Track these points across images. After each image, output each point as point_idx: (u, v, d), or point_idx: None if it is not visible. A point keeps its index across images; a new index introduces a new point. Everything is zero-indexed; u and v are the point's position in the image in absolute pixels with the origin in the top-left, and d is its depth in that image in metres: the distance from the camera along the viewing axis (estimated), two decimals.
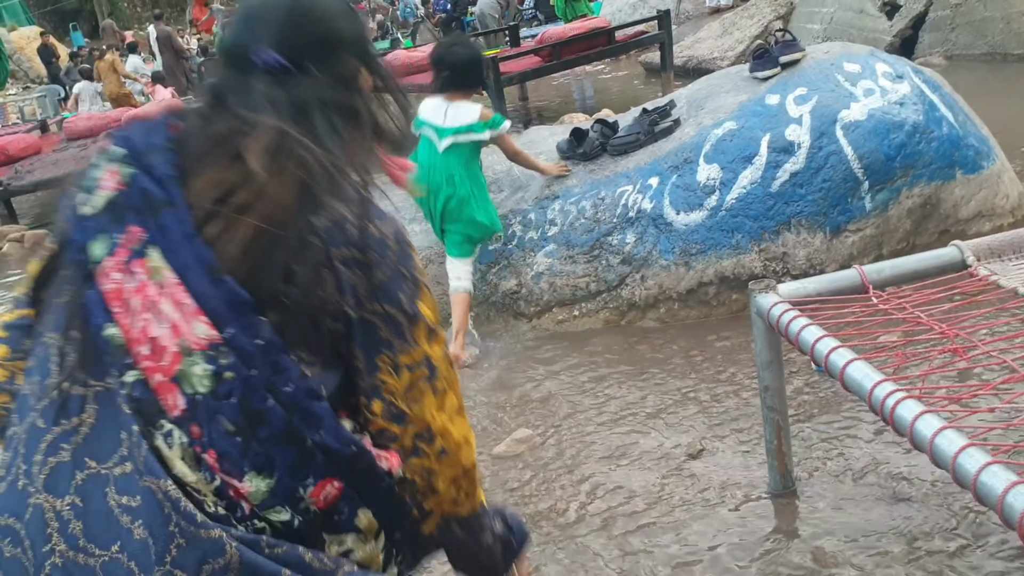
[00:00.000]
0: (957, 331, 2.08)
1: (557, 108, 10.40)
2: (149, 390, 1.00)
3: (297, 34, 1.17)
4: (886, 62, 4.12)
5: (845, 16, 9.27)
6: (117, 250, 1.03)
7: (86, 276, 1.04)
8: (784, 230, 3.82)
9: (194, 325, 1.01)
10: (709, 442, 2.97)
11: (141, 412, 1.00)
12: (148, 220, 1.04)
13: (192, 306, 1.01)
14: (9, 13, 28.46)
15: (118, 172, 1.07)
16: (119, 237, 1.03)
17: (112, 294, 1.02)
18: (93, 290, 1.03)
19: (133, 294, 1.02)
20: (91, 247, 1.04)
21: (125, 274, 1.02)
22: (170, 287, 1.01)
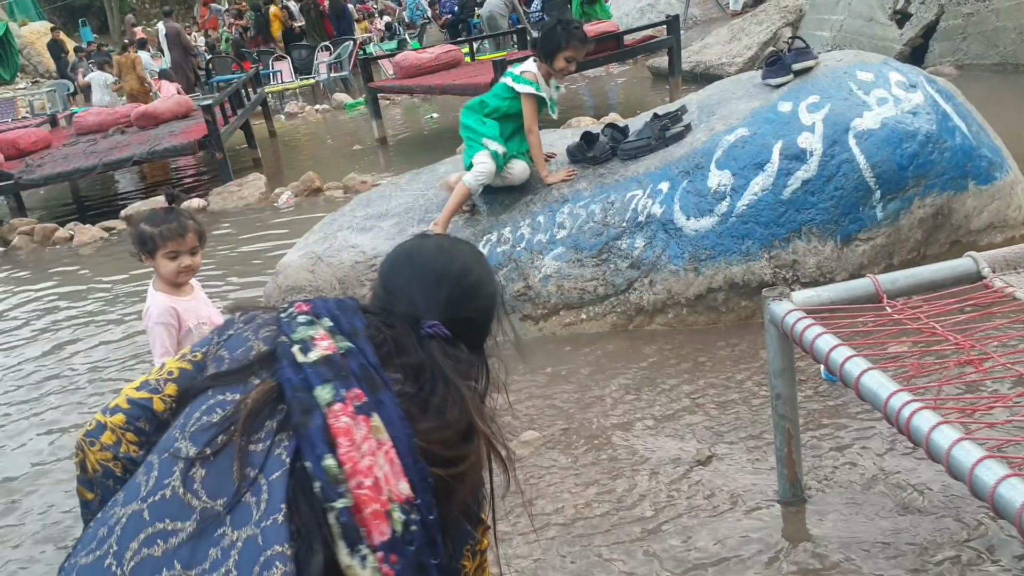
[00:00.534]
0: (972, 342, 2.07)
1: (565, 111, 10.40)
2: (353, 517, 1.18)
3: (461, 314, 1.43)
4: (900, 71, 4.11)
5: (855, 24, 9.26)
6: (345, 401, 1.22)
7: (307, 410, 1.21)
8: (795, 237, 3.81)
9: (400, 481, 1.21)
10: (718, 448, 2.96)
11: (344, 536, 1.17)
12: (367, 390, 1.24)
13: (399, 467, 1.22)
14: (20, 8, 28.57)
15: (331, 338, 1.29)
16: (344, 392, 1.23)
17: (341, 431, 1.20)
18: (320, 422, 1.20)
19: (361, 439, 1.20)
20: (318, 390, 1.22)
21: (353, 421, 1.21)
22: (386, 446, 1.21)
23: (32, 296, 6.36)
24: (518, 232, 4.34)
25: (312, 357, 1.26)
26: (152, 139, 9.32)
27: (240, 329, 1.39)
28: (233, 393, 1.28)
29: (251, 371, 1.30)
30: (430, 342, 1.36)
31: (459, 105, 11.88)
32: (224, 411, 1.26)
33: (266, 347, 1.33)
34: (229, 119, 9.67)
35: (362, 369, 1.27)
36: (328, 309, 1.36)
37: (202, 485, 1.20)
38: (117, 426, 1.40)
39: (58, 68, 22.14)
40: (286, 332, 1.31)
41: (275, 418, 1.24)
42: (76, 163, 8.76)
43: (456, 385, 1.33)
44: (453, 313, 1.42)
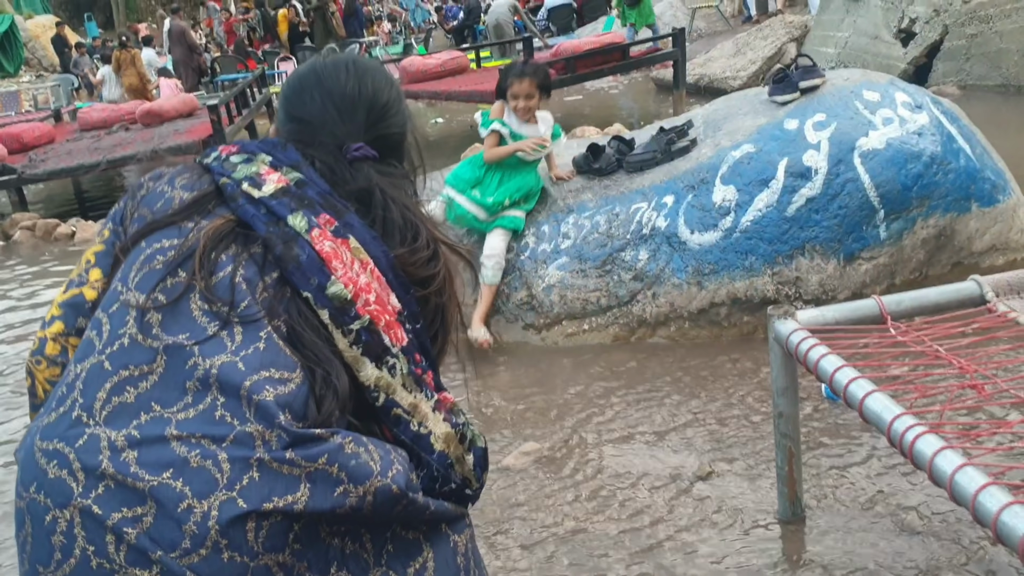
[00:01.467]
0: (975, 367, 2.08)
1: (570, 120, 10.43)
2: (372, 332, 1.19)
3: (382, 133, 1.41)
4: (906, 92, 4.13)
5: (860, 41, 9.30)
6: (320, 227, 1.21)
7: (289, 240, 1.19)
8: (798, 255, 3.83)
9: (390, 295, 1.23)
10: (718, 464, 2.97)
11: (368, 352, 1.19)
12: (333, 214, 1.23)
13: (385, 282, 1.23)
14: (27, 2, 28.57)
15: (277, 171, 1.27)
16: (314, 218, 1.21)
17: (330, 255, 1.19)
18: (309, 251, 1.18)
19: (349, 260, 1.20)
20: (291, 219, 1.20)
21: (335, 244, 1.20)
22: (368, 264, 1.22)
23: (31, 291, 6.36)
24: (523, 241, 4.35)
25: (268, 190, 1.23)
26: (156, 137, 9.34)
27: (151, 187, 1.32)
28: (169, 239, 1.22)
29: (184, 215, 1.24)
30: (361, 165, 1.34)
31: (464, 110, 11.97)
32: (165, 256, 1.20)
33: (188, 193, 1.27)
34: (234, 119, 9.68)
35: (321, 196, 1.25)
36: (258, 147, 1.32)
37: (161, 328, 1.14)
38: (58, 334, 1.33)
39: (62, 63, 22.17)
40: (224, 173, 1.27)
41: (231, 253, 1.20)
42: (80, 159, 8.76)
43: (409, 207, 1.33)
44: (373, 133, 1.40)
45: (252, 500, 1.06)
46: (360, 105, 1.40)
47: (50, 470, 1.09)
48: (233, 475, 1.06)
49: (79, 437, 1.10)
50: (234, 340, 1.13)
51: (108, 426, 1.10)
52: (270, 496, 1.06)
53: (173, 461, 1.06)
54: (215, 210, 1.24)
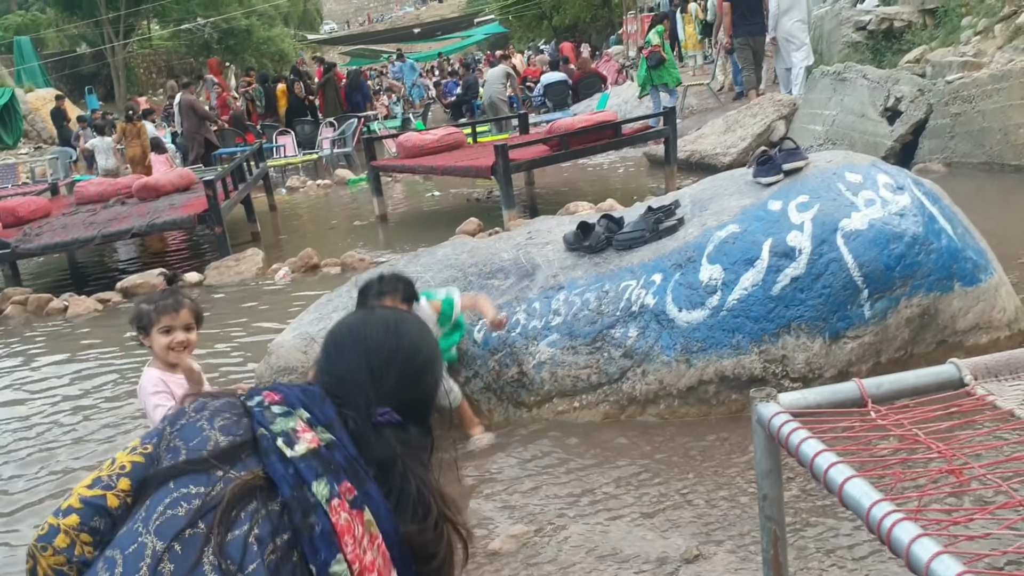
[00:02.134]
0: (954, 451, 2.10)
1: (562, 195, 10.57)
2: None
3: (412, 397, 1.45)
4: (887, 173, 4.23)
5: (847, 119, 9.48)
6: (340, 496, 1.26)
7: (308, 510, 1.24)
8: (784, 333, 3.87)
9: (391, 572, 1.27)
10: (705, 547, 2.97)
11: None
12: (355, 483, 1.28)
13: (389, 559, 1.27)
14: (28, 75, 29.07)
15: (312, 430, 1.32)
16: (337, 486, 1.26)
17: (345, 528, 1.24)
18: (325, 523, 1.23)
19: (360, 535, 1.25)
20: (315, 485, 1.25)
21: (350, 516, 1.25)
22: (377, 539, 1.27)
23: (18, 367, 6.36)
24: (514, 317, 4.39)
25: (300, 450, 1.28)
26: (152, 211, 9.41)
27: (192, 418, 1.37)
28: (197, 486, 1.27)
29: (215, 463, 1.29)
30: (384, 430, 1.37)
31: (460, 184, 12.10)
32: (189, 504, 1.25)
33: (224, 437, 1.32)
34: (230, 193, 9.78)
35: (347, 462, 1.29)
36: (300, 399, 1.37)
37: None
38: (71, 527, 1.35)
39: (60, 135, 22.46)
40: (263, 424, 1.32)
41: (251, 509, 1.25)
42: (74, 233, 8.82)
43: (426, 481, 1.36)
44: (403, 397, 1.43)
45: None
46: (393, 368, 1.44)
47: None
48: None
49: None
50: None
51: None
52: None
53: None
54: (247, 460, 1.30)
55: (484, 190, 11.64)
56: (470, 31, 38.67)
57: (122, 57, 32.89)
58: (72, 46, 35.69)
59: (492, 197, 11.04)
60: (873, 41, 11.65)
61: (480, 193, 11.67)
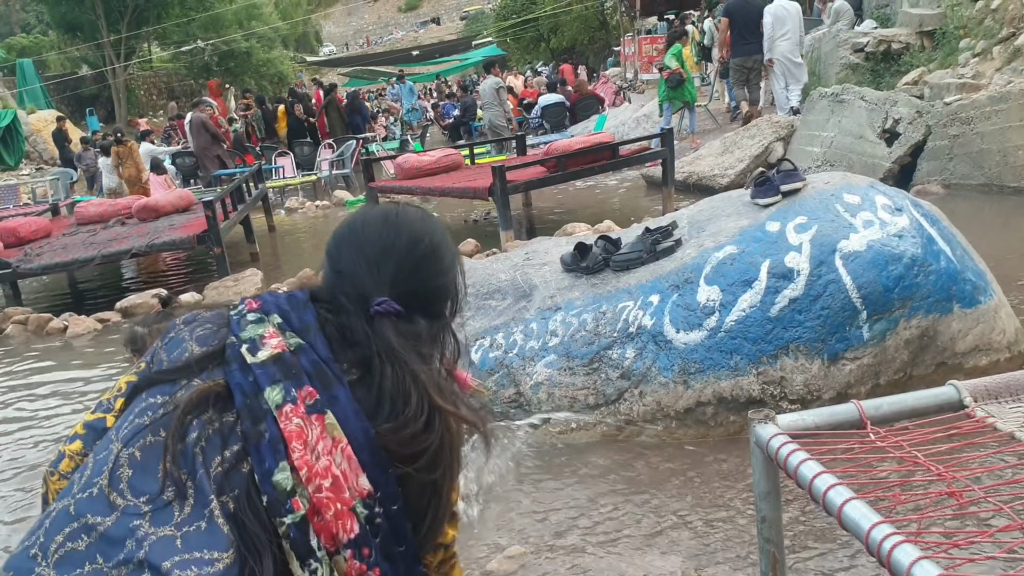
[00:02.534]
0: (954, 474, 2.09)
1: (560, 217, 10.57)
2: (301, 530, 1.18)
3: (412, 287, 1.40)
4: (886, 194, 4.23)
5: (845, 141, 9.51)
6: (296, 401, 1.22)
7: (257, 418, 1.21)
8: (782, 355, 3.86)
9: (360, 477, 1.22)
10: (704, 569, 2.94)
11: (295, 548, 1.18)
12: (319, 387, 1.24)
13: (357, 463, 1.22)
14: (30, 96, 29.22)
15: (280, 335, 1.29)
16: (295, 391, 1.23)
17: (294, 434, 1.20)
18: (272, 430, 1.20)
19: (315, 439, 1.21)
20: (268, 391, 1.23)
21: (305, 422, 1.21)
22: (341, 443, 1.22)
23: (18, 386, 6.34)
24: (511, 338, 4.38)
25: (261, 356, 1.26)
26: (151, 232, 9.42)
27: (179, 331, 1.38)
28: (163, 395, 1.27)
29: (185, 372, 1.29)
30: (381, 321, 1.33)
31: (458, 205, 12.12)
32: (154, 413, 1.25)
33: (199, 347, 1.32)
34: (229, 214, 9.80)
35: (313, 365, 1.27)
36: (278, 305, 1.35)
37: (128, 485, 1.20)
38: (75, 452, 1.41)
39: (62, 156, 22.53)
40: (235, 332, 1.31)
41: (204, 418, 1.23)
42: (74, 253, 8.82)
43: (411, 368, 1.30)
44: (404, 287, 1.39)
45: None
46: (390, 258, 1.40)
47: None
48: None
49: (29, 575, 1.17)
50: (182, 512, 1.18)
51: (55, 570, 1.16)
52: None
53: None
54: (213, 371, 1.29)
55: (482, 211, 11.66)
56: (468, 54, 38.89)
57: (123, 79, 33.04)
58: (74, 68, 35.88)
59: (489, 218, 11.06)
60: (871, 63, 11.72)
61: (478, 214, 11.69)
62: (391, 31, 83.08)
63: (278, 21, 42.59)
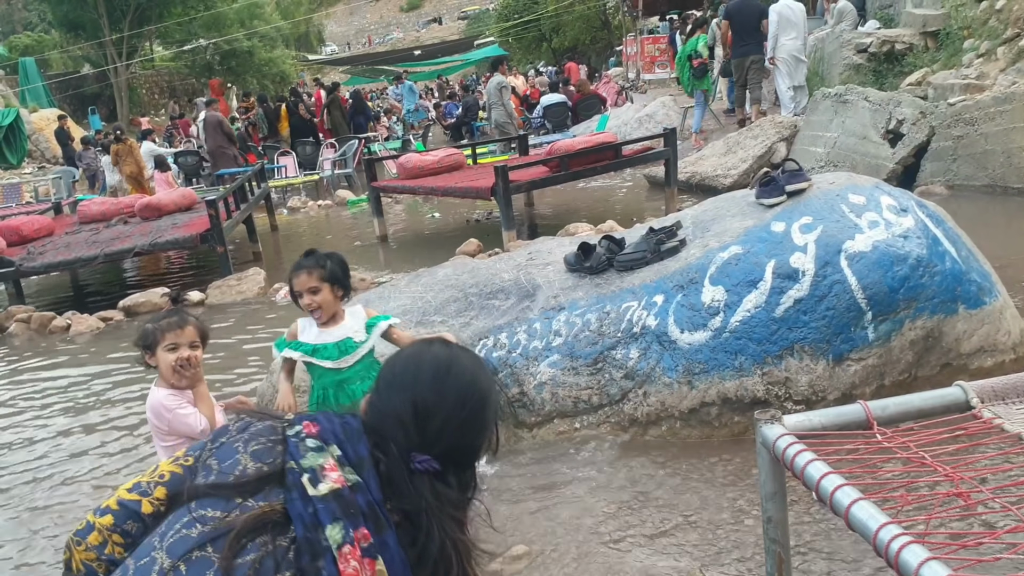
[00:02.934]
0: (961, 474, 2.08)
1: (562, 217, 10.57)
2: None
3: (454, 444, 1.41)
4: (891, 195, 4.22)
5: (848, 142, 9.50)
6: (354, 543, 1.25)
7: (317, 554, 1.23)
8: (787, 355, 3.85)
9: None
10: (709, 570, 2.94)
11: None
12: (373, 530, 1.27)
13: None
14: (32, 95, 29.23)
15: (340, 470, 1.30)
16: (352, 532, 1.25)
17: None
18: (332, 568, 1.22)
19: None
20: (329, 529, 1.24)
21: (360, 565, 1.24)
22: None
23: (21, 383, 6.35)
24: (515, 338, 4.38)
25: (323, 490, 1.27)
26: (154, 231, 9.42)
27: (232, 439, 1.39)
28: (214, 510, 1.28)
29: (240, 491, 1.30)
30: (420, 477, 1.35)
31: (460, 205, 12.11)
32: (203, 526, 1.26)
33: (254, 463, 1.33)
34: (232, 213, 9.79)
35: (368, 506, 1.28)
36: (335, 434, 1.35)
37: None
38: (105, 527, 1.41)
39: (65, 155, 22.54)
40: (294, 456, 1.31)
41: (260, 540, 1.25)
42: (78, 252, 8.83)
43: (453, 538, 1.34)
44: (446, 445, 1.40)
45: None
46: (439, 413, 1.40)
47: None
48: None
49: None
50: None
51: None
52: None
53: None
54: (270, 492, 1.30)
55: (484, 211, 11.65)
56: (469, 54, 38.90)
57: (125, 78, 33.05)
58: (76, 67, 35.90)
59: (492, 218, 11.05)
60: (874, 63, 11.70)
61: (480, 214, 11.68)
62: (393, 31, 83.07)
63: (280, 20, 42.59)
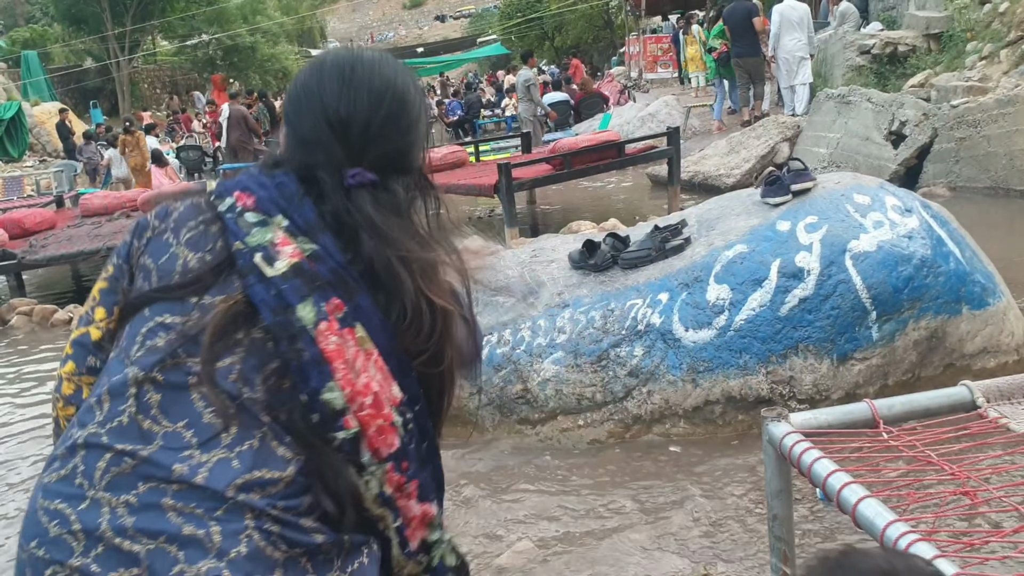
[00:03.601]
0: (968, 473, 2.09)
1: (565, 215, 10.58)
2: (356, 444, 1.17)
3: (383, 149, 1.31)
4: (895, 195, 4.23)
5: (851, 143, 9.51)
6: (328, 318, 1.18)
7: (294, 336, 1.16)
8: (792, 354, 3.86)
9: (392, 386, 1.21)
10: (714, 567, 2.95)
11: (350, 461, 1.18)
12: (344, 297, 1.20)
13: (388, 372, 1.21)
14: (34, 89, 29.23)
15: (293, 242, 1.21)
16: (324, 305, 1.18)
17: (334, 353, 1.16)
18: (313, 351, 1.16)
19: (352, 356, 1.18)
20: (299, 309, 1.17)
21: (340, 338, 1.17)
22: (373, 355, 1.20)
23: (23, 377, 6.35)
24: (518, 334, 4.38)
25: (280, 268, 1.18)
26: None
27: (157, 230, 1.28)
28: (173, 315, 1.20)
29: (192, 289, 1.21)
30: (359, 193, 1.25)
31: (463, 202, 12.11)
32: (168, 335, 1.19)
33: (194, 253, 1.23)
34: None
35: (333, 273, 1.20)
36: (277, 203, 1.23)
37: (160, 411, 1.16)
38: (71, 374, 1.35)
39: (66, 148, 22.53)
40: (237, 236, 1.21)
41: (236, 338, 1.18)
42: (80, 245, 8.83)
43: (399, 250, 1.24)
44: (375, 152, 1.29)
45: (238, 572, 1.10)
46: (354, 122, 1.29)
47: (51, 529, 1.13)
48: (224, 546, 1.10)
49: (81, 501, 1.14)
50: (229, 433, 1.15)
51: (109, 492, 1.14)
52: (253, 572, 1.10)
53: (167, 529, 1.11)
54: (225, 283, 1.21)
55: (486, 208, 11.66)
56: (471, 53, 38.95)
57: (127, 72, 33.05)
58: (78, 61, 35.87)
59: (494, 215, 11.06)
60: (877, 65, 11.71)
61: (482, 211, 11.69)
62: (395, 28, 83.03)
63: (282, 16, 42.59)
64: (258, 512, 1.12)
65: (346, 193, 1.25)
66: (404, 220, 1.29)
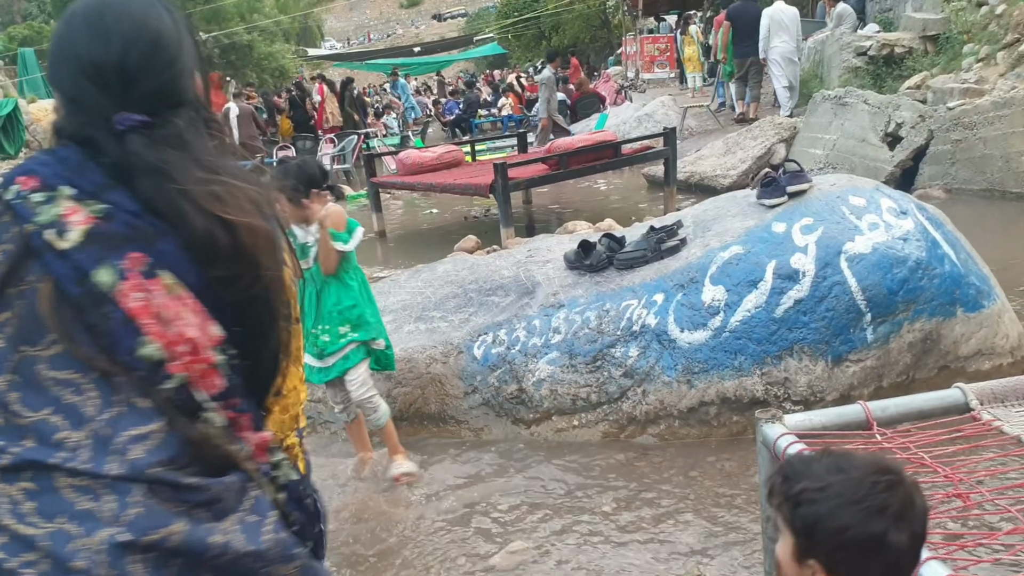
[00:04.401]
0: (960, 476, 2.09)
1: (560, 215, 10.58)
2: (184, 390, 1.17)
3: (146, 90, 1.26)
4: (891, 197, 4.24)
5: (847, 144, 9.51)
6: (126, 275, 1.15)
7: (97, 302, 1.15)
8: (786, 355, 3.87)
9: (210, 327, 1.19)
10: (707, 568, 2.95)
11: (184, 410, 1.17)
12: (145, 247, 1.17)
13: (204, 312, 1.19)
14: (31, 86, 29.15)
15: (83, 208, 1.17)
16: (121, 263, 1.15)
17: (140, 310, 1.15)
18: (118, 314, 1.14)
19: (160, 307, 1.16)
20: (97, 275, 1.14)
21: (145, 292, 1.16)
22: (185, 299, 1.18)
23: None
24: (513, 334, 4.38)
25: (73, 239, 1.15)
26: None
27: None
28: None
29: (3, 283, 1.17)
30: (131, 139, 1.22)
31: (459, 202, 12.10)
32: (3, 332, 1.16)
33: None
34: None
35: (128, 226, 1.17)
36: (60, 175, 1.20)
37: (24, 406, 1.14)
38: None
39: None
40: (28, 218, 1.17)
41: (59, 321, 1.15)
42: None
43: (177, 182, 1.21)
44: (138, 94, 1.26)
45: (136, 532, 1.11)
46: (110, 67, 1.25)
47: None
48: (118, 511, 1.11)
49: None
50: (94, 404, 1.15)
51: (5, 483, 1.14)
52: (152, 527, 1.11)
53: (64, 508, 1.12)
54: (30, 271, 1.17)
55: (482, 208, 11.65)
56: (468, 51, 38.96)
57: None
58: None
59: (490, 215, 11.05)
60: (874, 66, 11.72)
61: (478, 211, 11.68)
62: (393, 27, 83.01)
63: (280, 15, 42.54)
64: (143, 470, 1.13)
65: (119, 140, 1.23)
66: (186, 152, 1.26)
